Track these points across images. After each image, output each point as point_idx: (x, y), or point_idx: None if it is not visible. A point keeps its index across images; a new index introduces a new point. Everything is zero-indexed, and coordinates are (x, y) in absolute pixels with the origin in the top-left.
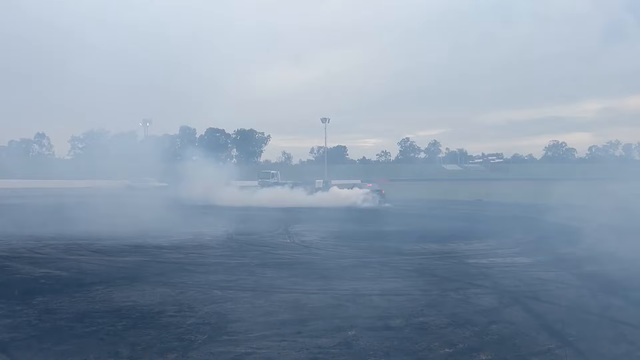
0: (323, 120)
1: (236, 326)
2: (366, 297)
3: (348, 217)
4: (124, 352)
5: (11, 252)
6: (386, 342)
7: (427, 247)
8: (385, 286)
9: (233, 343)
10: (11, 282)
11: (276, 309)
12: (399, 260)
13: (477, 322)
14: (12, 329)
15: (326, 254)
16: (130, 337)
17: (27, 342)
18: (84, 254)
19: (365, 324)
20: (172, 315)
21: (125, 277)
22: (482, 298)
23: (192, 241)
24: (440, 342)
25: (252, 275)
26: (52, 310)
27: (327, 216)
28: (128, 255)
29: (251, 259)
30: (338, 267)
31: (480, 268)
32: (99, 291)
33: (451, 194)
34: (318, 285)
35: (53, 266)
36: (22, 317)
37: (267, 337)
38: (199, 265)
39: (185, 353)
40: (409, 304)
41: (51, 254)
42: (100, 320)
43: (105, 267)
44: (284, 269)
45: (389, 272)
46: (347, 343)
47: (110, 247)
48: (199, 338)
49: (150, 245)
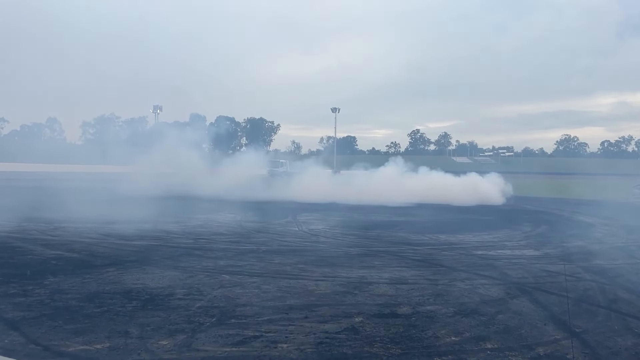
0: (333, 110)
1: (244, 310)
2: (373, 285)
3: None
4: (133, 332)
5: (23, 234)
6: (392, 329)
7: (435, 237)
8: (392, 275)
9: (241, 326)
10: (23, 262)
11: (284, 294)
12: (407, 250)
13: (483, 312)
14: (24, 308)
15: (335, 242)
16: (140, 318)
17: (39, 320)
18: (95, 237)
19: (372, 311)
20: (181, 298)
21: (136, 260)
22: (489, 289)
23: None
24: (447, 331)
25: (260, 261)
26: (63, 291)
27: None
28: (138, 239)
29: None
30: (346, 256)
31: (488, 259)
32: (110, 273)
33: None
34: (325, 272)
35: (64, 248)
36: (34, 296)
37: (274, 321)
38: (209, 250)
39: (194, 335)
40: (416, 292)
41: (62, 236)
42: (111, 301)
43: (115, 250)
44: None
45: (396, 261)
46: (354, 329)
47: (121, 230)
48: (207, 321)
49: (161, 230)
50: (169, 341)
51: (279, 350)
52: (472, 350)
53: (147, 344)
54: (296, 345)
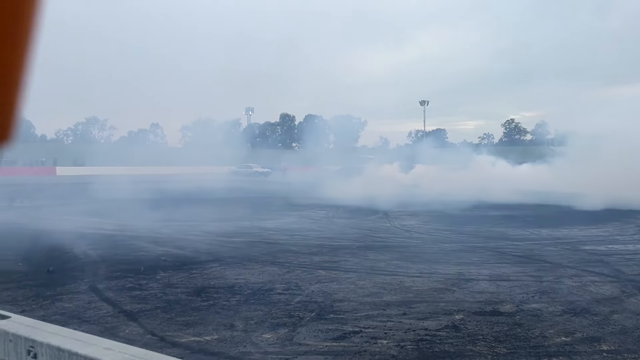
0: (422, 103)
1: (342, 305)
2: (472, 282)
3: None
4: (238, 326)
5: (135, 232)
6: (496, 328)
7: (537, 232)
8: (492, 271)
9: (340, 321)
10: (137, 259)
11: (380, 290)
12: (507, 245)
13: (596, 311)
14: (140, 300)
15: (429, 237)
16: (244, 311)
17: (154, 312)
18: (197, 234)
19: (473, 309)
20: (280, 292)
21: (237, 256)
22: (601, 286)
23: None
24: (556, 330)
25: (354, 257)
26: (173, 285)
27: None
28: (238, 236)
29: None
30: (441, 252)
31: (598, 255)
32: (214, 268)
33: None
34: (421, 268)
35: (171, 245)
36: (149, 290)
37: (372, 317)
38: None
39: (295, 329)
40: (519, 290)
41: (169, 234)
42: (216, 295)
43: (217, 246)
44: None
45: (495, 257)
46: (455, 327)
47: (221, 228)
48: (307, 315)
49: (258, 227)
50: (272, 335)
51: (379, 346)
52: (586, 351)
53: (251, 337)
54: (396, 341)
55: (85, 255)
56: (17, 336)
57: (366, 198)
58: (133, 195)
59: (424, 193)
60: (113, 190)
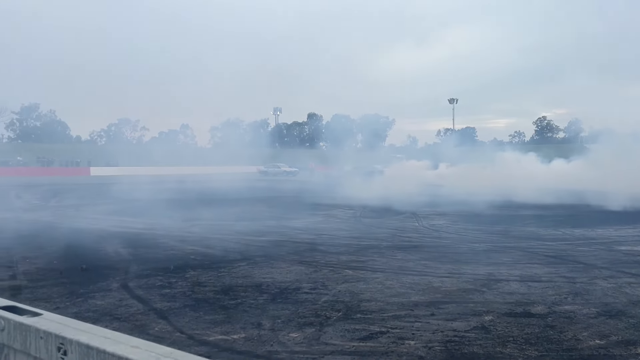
0: (450, 101)
1: (369, 305)
2: (503, 282)
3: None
4: (266, 325)
5: (165, 231)
6: (527, 329)
7: (569, 232)
8: (523, 272)
9: (367, 321)
10: (167, 257)
11: (408, 290)
12: (538, 245)
13: (632, 313)
14: (170, 299)
15: (458, 237)
16: (271, 310)
17: (183, 311)
18: (226, 233)
19: (503, 310)
20: (307, 292)
21: (264, 255)
22: (638, 288)
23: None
24: (590, 333)
25: (382, 257)
26: (202, 283)
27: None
28: (265, 235)
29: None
30: (471, 252)
31: (635, 256)
32: (241, 267)
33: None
34: (450, 268)
35: (200, 244)
36: (178, 288)
37: (400, 317)
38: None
39: (322, 328)
40: (551, 291)
41: (198, 233)
42: (244, 294)
43: (245, 245)
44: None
45: (526, 258)
46: (484, 328)
47: (249, 227)
48: (333, 315)
49: (285, 226)
50: (298, 334)
51: (407, 347)
52: (621, 355)
53: (278, 336)
54: (424, 342)
55: (117, 254)
56: (48, 333)
57: (393, 197)
58: (163, 195)
59: (451, 192)
60: (143, 190)
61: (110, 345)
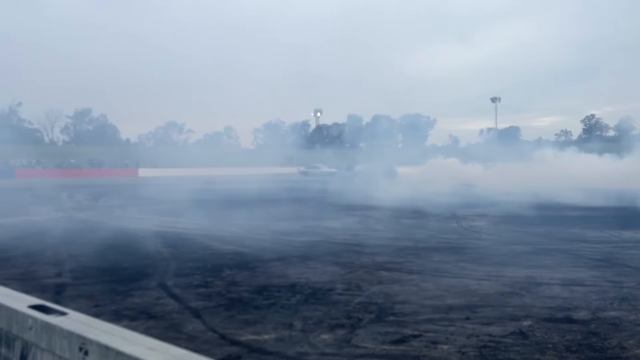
0: (493, 100)
1: (403, 308)
2: (543, 286)
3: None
4: (297, 325)
5: (205, 231)
6: (568, 336)
7: (618, 234)
8: (566, 275)
9: (400, 324)
10: (205, 257)
11: (443, 293)
12: (583, 247)
13: None
14: (205, 298)
15: (498, 239)
16: (303, 311)
17: (217, 310)
18: (264, 233)
19: (543, 315)
20: (340, 293)
21: (300, 255)
22: None
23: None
24: (636, 341)
25: (418, 258)
26: (237, 283)
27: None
28: (302, 236)
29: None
30: (511, 254)
31: None
32: (277, 267)
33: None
34: (488, 271)
35: (238, 244)
36: (213, 287)
37: (434, 320)
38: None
39: (353, 330)
40: (596, 296)
41: (235, 233)
42: (277, 294)
43: (282, 245)
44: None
45: (570, 261)
46: (522, 333)
47: (286, 227)
48: (366, 317)
49: (322, 227)
50: (329, 336)
51: (439, 352)
52: None
53: (309, 337)
54: (457, 347)
55: (158, 253)
56: (71, 333)
57: (426, 198)
58: (204, 196)
59: (487, 192)
60: (186, 191)
61: (128, 346)
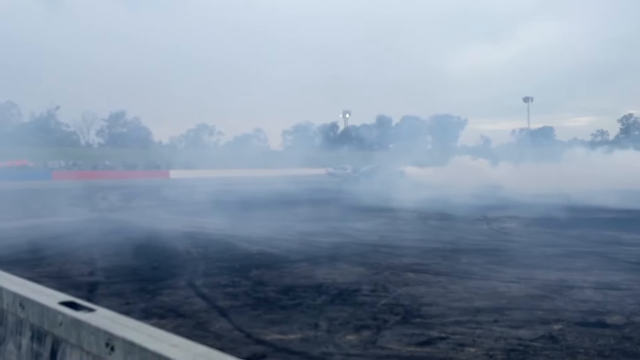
0: (525, 100)
1: (429, 310)
2: (576, 289)
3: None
4: (322, 326)
5: (233, 232)
6: (600, 340)
7: None
8: (599, 279)
9: (426, 326)
10: (233, 257)
11: (471, 295)
12: (619, 250)
13: None
14: (232, 297)
15: (529, 241)
16: (329, 311)
17: (243, 309)
18: (291, 234)
19: (574, 319)
20: (367, 294)
21: (326, 256)
22: None
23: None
24: None
25: (446, 260)
26: (264, 283)
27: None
28: (330, 236)
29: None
30: (542, 256)
31: None
32: (303, 268)
33: None
34: (518, 273)
35: (265, 244)
36: (241, 287)
37: (461, 323)
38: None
39: (379, 332)
40: (631, 300)
41: (263, 234)
42: (303, 294)
43: (309, 246)
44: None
45: (604, 264)
46: (552, 337)
47: (314, 228)
48: (392, 318)
49: (349, 228)
50: (355, 336)
51: (466, 354)
52: None
53: (334, 338)
54: (484, 350)
55: (188, 253)
56: (98, 329)
57: (460, 198)
58: (233, 197)
59: (516, 193)
60: (216, 192)
61: (152, 343)
